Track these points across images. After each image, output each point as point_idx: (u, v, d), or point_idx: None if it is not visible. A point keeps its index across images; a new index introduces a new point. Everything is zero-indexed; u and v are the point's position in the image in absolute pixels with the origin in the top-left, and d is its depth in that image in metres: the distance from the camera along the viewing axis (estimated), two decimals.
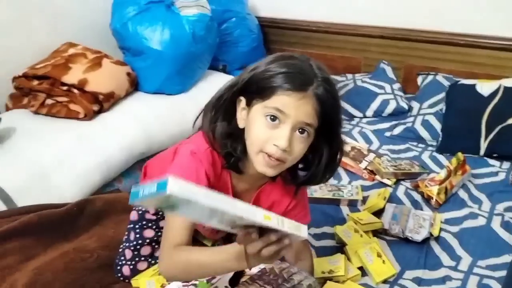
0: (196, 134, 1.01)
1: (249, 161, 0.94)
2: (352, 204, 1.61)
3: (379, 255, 1.30)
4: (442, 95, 2.08)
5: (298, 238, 0.77)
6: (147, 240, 1.27)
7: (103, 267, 1.29)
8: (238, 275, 1.03)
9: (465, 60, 2.19)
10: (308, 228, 1.46)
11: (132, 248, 1.26)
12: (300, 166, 1.00)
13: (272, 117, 0.87)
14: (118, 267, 1.28)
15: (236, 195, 1.01)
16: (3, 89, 1.88)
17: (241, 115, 0.93)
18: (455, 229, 1.47)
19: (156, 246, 1.28)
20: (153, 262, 1.29)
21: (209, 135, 0.95)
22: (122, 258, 1.28)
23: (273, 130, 0.87)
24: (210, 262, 0.85)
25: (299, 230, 0.76)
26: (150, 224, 1.27)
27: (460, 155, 1.65)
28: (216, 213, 0.68)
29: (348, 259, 1.32)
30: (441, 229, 1.45)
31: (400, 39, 2.31)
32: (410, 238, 1.39)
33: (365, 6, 2.37)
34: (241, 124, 0.93)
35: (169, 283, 1.11)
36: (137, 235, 1.27)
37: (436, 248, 1.39)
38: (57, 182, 1.57)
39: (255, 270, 1.03)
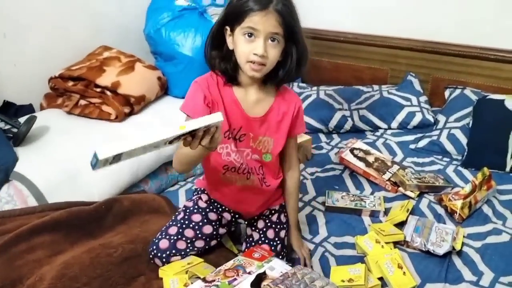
0: None
1: (242, 73, 1.23)
2: (374, 215, 1.61)
3: (400, 267, 1.31)
4: (469, 109, 2.07)
5: (219, 123, 0.99)
6: (193, 223, 1.37)
7: (127, 260, 1.33)
8: (259, 279, 1.06)
9: (494, 75, 2.17)
10: (329, 237, 1.50)
11: (178, 225, 1.36)
12: (281, 71, 1.25)
13: (248, 34, 1.14)
14: (156, 240, 1.34)
15: (248, 110, 1.27)
16: (39, 88, 1.97)
17: (229, 40, 1.20)
18: (478, 244, 1.46)
19: (200, 235, 1.35)
20: (190, 248, 1.34)
21: (208, 62, 1.25)
22: (164, 233, 1.35)
23: (251, 43, 1.15)
24: (191, 153, 1.08)
25: (214, 118, 0.97)
26: (200, 210, 1.40)
27: (486, 170, 1.63)
28: (146, 148, 0.90)
29: (369, 269, 1.33)
30: (463, 244, 1.45)
31: (428, 52, 2.30)
32: (432, 251, 1.39)
33: (394, 18, 2.38)
34: (230, 47, 1.21)
35: (192, 283, 1.14)
36: (186, 216, 1.38)
37: (458, 262, 1.39)
38: (86, 181, 1.62)
39: (277, 274, 1.06)
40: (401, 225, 1.52)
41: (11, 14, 1.83)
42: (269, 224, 1.39)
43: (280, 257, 1.35)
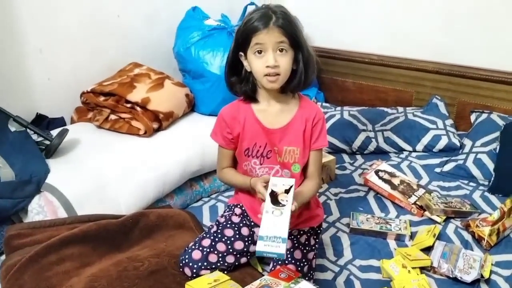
0: None
1: (260, 91, 1.36)
2: (400, 239, 1.60)
3: None
4: (496, 134, 2.05)
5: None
6: (225, 237, 1.40)
7: (153, 273, 1.34)
8: None
9: None
10: (354, 260, 1.51)
11: (211, 238, 1.40)
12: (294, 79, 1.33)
13: (258, 51, 1.25)
14: (189, 250, 1.37)
15: (269, 123, 1.37)
16: (71, 102, 2.02)
17: (245, 63, 1.32)
18: (507, 272, 1.43)
19: (231, 250, 1.38)
20: (221, 262, 1.36)
21: (230, 89, 1.38)
22: (198, 244, 1.38)
23: (262, 58, 1.25)
24: (236, 183, 1.44)
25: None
26: (233, 225, 1.44)
27: None
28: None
29: None
30: (492, 272, 1.43)
31: (454, 75, 2.30)
32: (460, 278, 1.37)
33: (420, 41, 2.39)
34: (248, 68, 1.32)
35: None
36: (219, 230, 1.43)
37: None
38: (114, 194, 1.64)
39: None
40: (427, 250, 1.51)
41: (47, 31, 1.89)
42: (296, 244, 1.40)
43: (307, 278, 1.35)
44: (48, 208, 1.55)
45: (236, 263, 1.40)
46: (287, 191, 1.21)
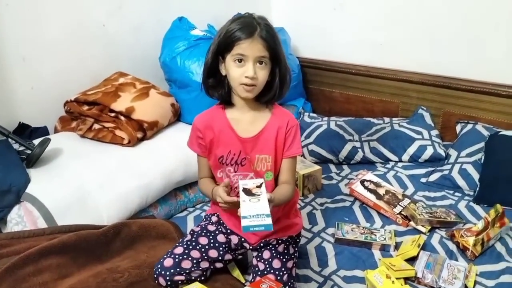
0: None
1: (235, 96, 1.34)
2: (385, 249, 1.59)
3: None
4: (481, 144, 2.06)
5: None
6: (200, 245, 1.39)
7: (133, 285, 1.32)
8: None
9: (506, 111, 2.17)
10: (338, 270, 1.49)
11: (185, 245, 1.38)
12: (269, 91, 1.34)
13: (238, 60, 1.25)
14: (161, 260, 1.35)
15: (242, 131, 1.36)
16: (54, 111, 1.99)
17: (221, 67, 1.31)
18: (491, 283, 1.42)
19: (205, 257, 1.37)
20: (195, 267, 1.34)
21: (206, 90, 1.37)
22: (169, 253, 1.36)
23: (242, 68, 1.25)
24: (208, 194, 1.37)
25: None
26: (208, 234, 1.43)
27: (498, 206, 1.61)
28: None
29: None
30: (476, 282, 1.42)
31: (440, 86, 2.31)
32: None
33: (405, 52, 2.40)
34: (223, 73, 1.32)
35: None
36: (193, 238, 1.42)
37: None
38: (96, 204, 1.62)
39: None
40: (412, 260, 1.50)
41: (31, 39, 1.87)
42: (275, 254, 1.38)
43: (287, 287, 1.34)
44: (28, 218, 1.52)
45: (212, 267, 1.38)
46: (258, 187, 1.22)
